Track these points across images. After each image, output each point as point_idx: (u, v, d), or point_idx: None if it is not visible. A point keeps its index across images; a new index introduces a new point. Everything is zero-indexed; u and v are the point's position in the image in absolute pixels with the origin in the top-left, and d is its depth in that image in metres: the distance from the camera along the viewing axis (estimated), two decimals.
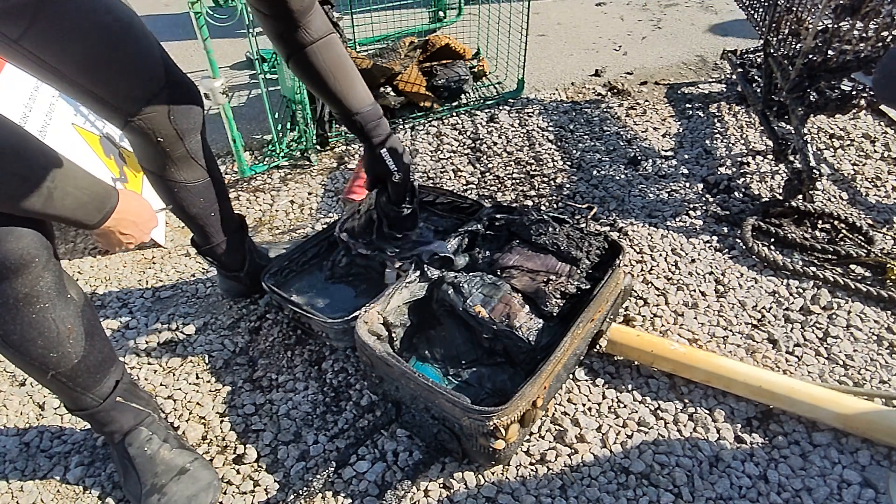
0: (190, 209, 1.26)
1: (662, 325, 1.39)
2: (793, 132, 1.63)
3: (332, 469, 1.11)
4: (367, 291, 1.41)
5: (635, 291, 1.48)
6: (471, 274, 1.30)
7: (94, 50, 0.97)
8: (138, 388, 1.13)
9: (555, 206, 1.80)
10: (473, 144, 2.13)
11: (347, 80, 1.20)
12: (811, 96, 1.61)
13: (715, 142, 2.06)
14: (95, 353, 0.99)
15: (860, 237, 1.55)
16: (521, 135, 2.18)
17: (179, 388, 1.32)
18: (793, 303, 1.42)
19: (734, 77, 2.40)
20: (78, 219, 0.88)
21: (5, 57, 0.96)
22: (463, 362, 1.22)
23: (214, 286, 1.59)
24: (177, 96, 1.10)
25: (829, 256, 1.52)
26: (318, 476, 1.08)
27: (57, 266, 0.91)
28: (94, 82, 1.01)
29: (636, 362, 1.29)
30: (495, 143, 2.13)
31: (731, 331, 1.37)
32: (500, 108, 2.35)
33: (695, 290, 1.47)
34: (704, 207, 1.74)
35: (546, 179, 1.92)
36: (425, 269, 1.28)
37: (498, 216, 1.41)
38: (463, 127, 2.24)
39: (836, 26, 1.52)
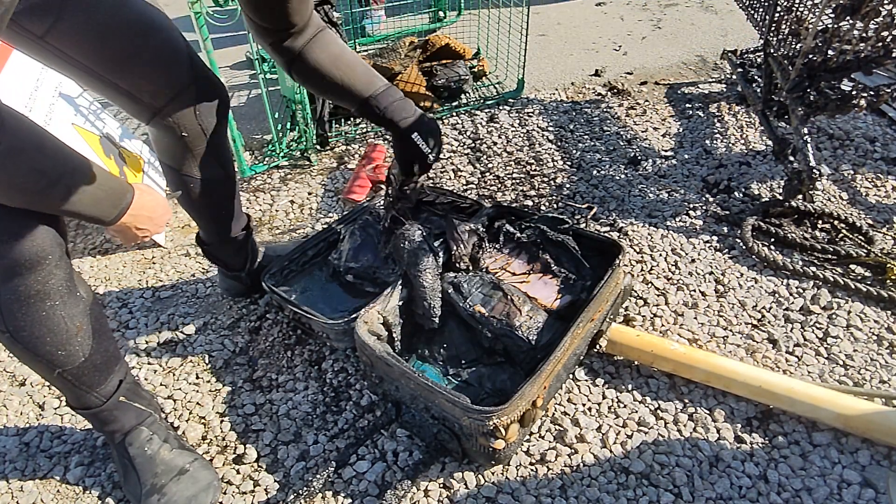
0: (202, 206, 1.27)
1: (662, 325, 1.39)
2: (793, 132, 1.63)
3: (332, 469, 1.11)
4: (367, 292, 1.41)
5: (635, 291, 1.48)
6: (470, 273, 1.31)
7: (120, 45, 0.98)
8: (141, 388, 1.13)
9: (555, 206, 1.80)
10: (473, 144, 2.13)
11: (350, 68, 1.13)
12: (811, 96, 1.61)
13: (715, 142, 2.06)
14: (102, 352, 1.00)
15: (860, 237, 1.55)
16: (521, 135, 2.18)
17: (179, 388, 1.32)
18: (793, 303, 1.42)
19: (734, 77, 2.40)
20: (94, 215, 0.88)
21: (31, 54, 0.97)
22: (463, 362, 1.22)
23: (214, 286, 1.59)
24: (203, 92, 1.11)
25: (829, 256, 1.52)
26: (318, 476, 1.08)
27: (68, 264, 0.92)
28: (121, 77, 1.02)
29: (636, 362, 1.29)
30: (495, 143, 2.13)
31: (731, 331, 1.37)
32: (500, 108, 2.35)
33: (695, 290, 1.47)
34: (704, 207, 1.74)
35: (546, 179, 1.92)
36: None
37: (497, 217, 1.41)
38: (463, 127, 2.24)
39: (836, 26, 1.52)
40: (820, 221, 1.62)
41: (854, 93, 1.53)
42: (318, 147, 2.16)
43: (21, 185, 0.77)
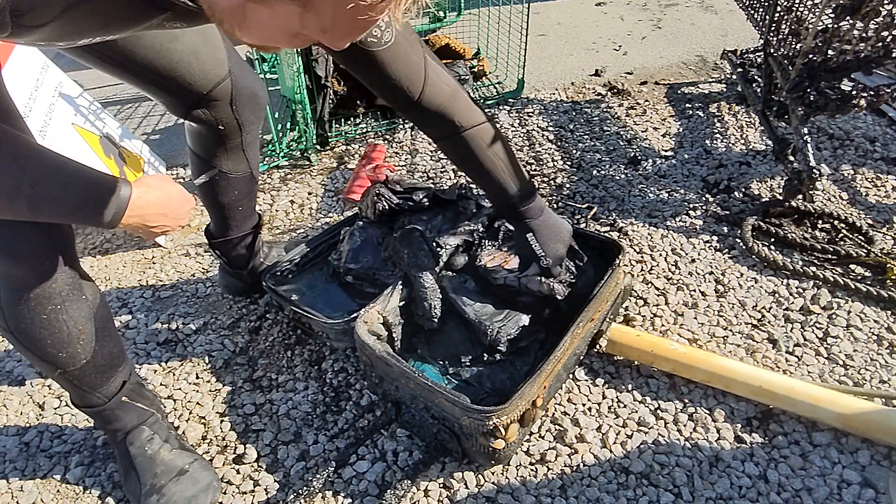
0: (222, 199, 1.28)
1: (662, 325, 1.39)
2: (793, 132, 1.63)
3: (332, 469, 1.11)
4: (367, 293, 1.41)
5: (635, 291, 1.48)
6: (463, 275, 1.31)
7: (156, 41, 0.99)
8: (144, 388, 1.13)
9: (555, 206, 1.80)
10: None
11: (497, 169, 1.12)
12: (811, 96, 1.61)
13: (715, 142, 2.06)
14: (105, 353, 0.99)
15: (860, 237, 1.55)
16: (521, 135, 2.18)
17: (179, 388, 1.32)
18: (793, 303, 1.42)
19: (734, 77, 2.40)
20: (81, 220, 0.82)
21: (71, 54, 0.97)
22: (463, 362, 1.22)
23: (214, 286, 1.59)
24: (240, 87, 1.12)
25: (829, 256, 1.52)
26: (318, 476, 1.08)
27: (72, 268, 0.91)
28: (158, 72, 1.03)
29: (636, 362, 1.29)
30: None
31: (731, 331, 1.37)
32: (500, 108, 2.35)
33: (695, 290, 1.47)
34: (704, 207, 1.74)
35: (546, 179, 1.92)
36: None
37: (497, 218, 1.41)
38: None
39: (836, 26, 1.52)
40: (820, 221, 1.62)
41: (854, 93, 1.53)
42: (318, 147, 2.16)
43: None
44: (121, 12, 0.65)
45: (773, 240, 1.59)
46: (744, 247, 1.56)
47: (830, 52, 1.56)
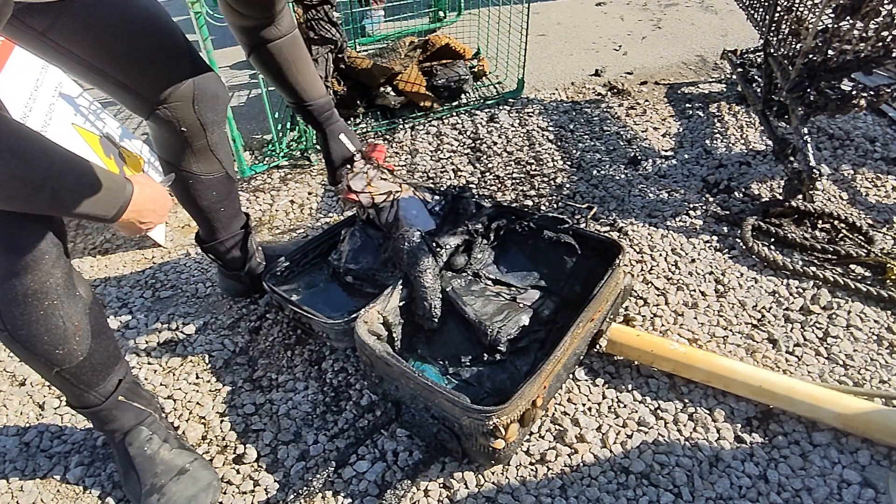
0: (201, 202, 1.27)
1: (662, 325, 1.39)
2: (793, 132, 1.63)
3: (332, 469, 1.11)
4: (367, 293, 1.40)
5: (635, 291, 1.48)
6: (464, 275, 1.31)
7: (120, 41, 1.00)
8: (140, 388, 1.13)
9: (555, 206, 1.80)
10: (473, 144, 2.13)
11: (306, 72, 1.23)
12: (811, 96, 1.61)
13: (715, 142, 2.06)
14: (101, 351, 1.00)
15: (860, 237, 1.55)
16: (521, 135, 2.18)
17: (179, 388, 1.32)
18: (793, 303, 1.42)
19: (734, 77, 2.40)
20: (92, 215, 0.86)
21: (33, 50, 0.98)
22: (463, 362, 1.22)
23: (214, 286, 1.59)
24: (202, 87, 1.12)
25: (829, 256, 1.52)
26: (318, 476, 1.08)
27: (67, 263, 0.92)
28: (121, 72, 1.03)
29: (636, 362, 1.29)
30: (495, 143, 2.13)
31: (731, 331, 1.37)
32: (500, 107, 2.35)
33: (695, 290, 1.47)
34: (704, 207, 1.74)
35: (546, 179, 1.92)
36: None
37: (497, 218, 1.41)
38: (463, 127, 2.24)
39: (836, 26, 1.52)
40: (820, 221, 1.62)
41: (854, 93, 1.53)
42: (318, 147, 2.16)
43: (1, 193, 0.75)
44: None
45: (773, 240, 1.59)
46: (744, 247, 1.56)
47: (830, 52, 1.56)
